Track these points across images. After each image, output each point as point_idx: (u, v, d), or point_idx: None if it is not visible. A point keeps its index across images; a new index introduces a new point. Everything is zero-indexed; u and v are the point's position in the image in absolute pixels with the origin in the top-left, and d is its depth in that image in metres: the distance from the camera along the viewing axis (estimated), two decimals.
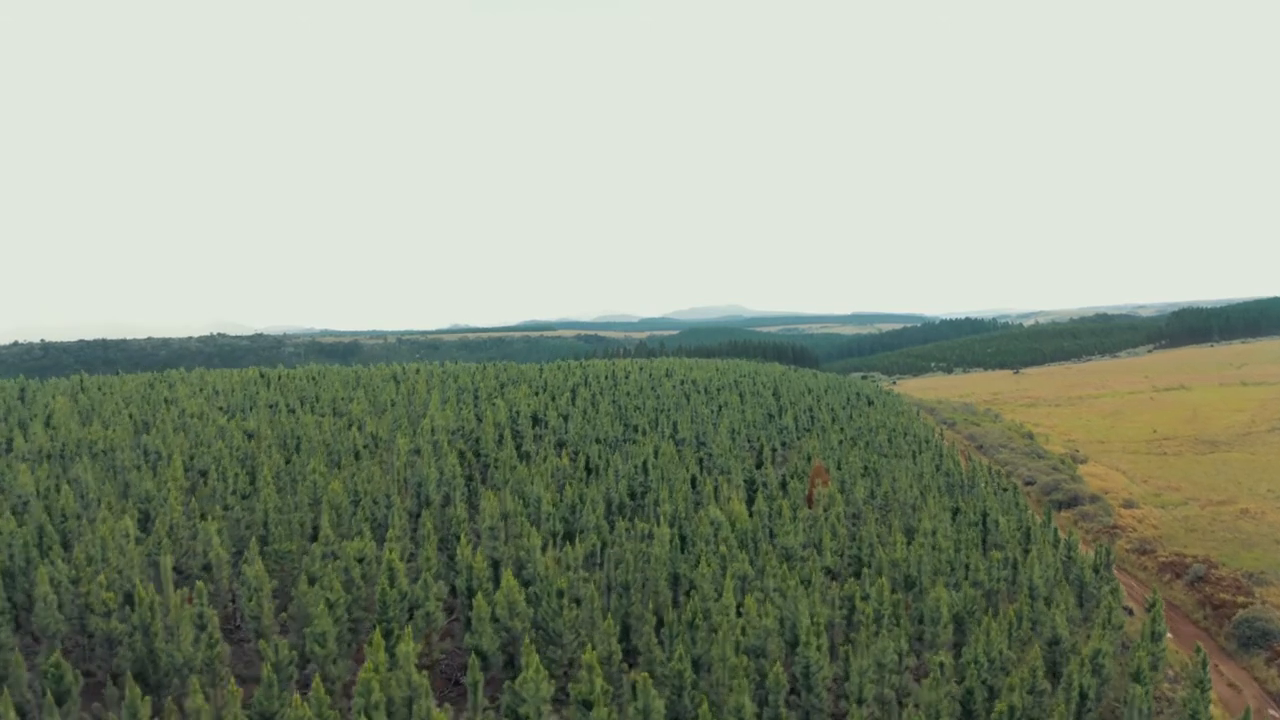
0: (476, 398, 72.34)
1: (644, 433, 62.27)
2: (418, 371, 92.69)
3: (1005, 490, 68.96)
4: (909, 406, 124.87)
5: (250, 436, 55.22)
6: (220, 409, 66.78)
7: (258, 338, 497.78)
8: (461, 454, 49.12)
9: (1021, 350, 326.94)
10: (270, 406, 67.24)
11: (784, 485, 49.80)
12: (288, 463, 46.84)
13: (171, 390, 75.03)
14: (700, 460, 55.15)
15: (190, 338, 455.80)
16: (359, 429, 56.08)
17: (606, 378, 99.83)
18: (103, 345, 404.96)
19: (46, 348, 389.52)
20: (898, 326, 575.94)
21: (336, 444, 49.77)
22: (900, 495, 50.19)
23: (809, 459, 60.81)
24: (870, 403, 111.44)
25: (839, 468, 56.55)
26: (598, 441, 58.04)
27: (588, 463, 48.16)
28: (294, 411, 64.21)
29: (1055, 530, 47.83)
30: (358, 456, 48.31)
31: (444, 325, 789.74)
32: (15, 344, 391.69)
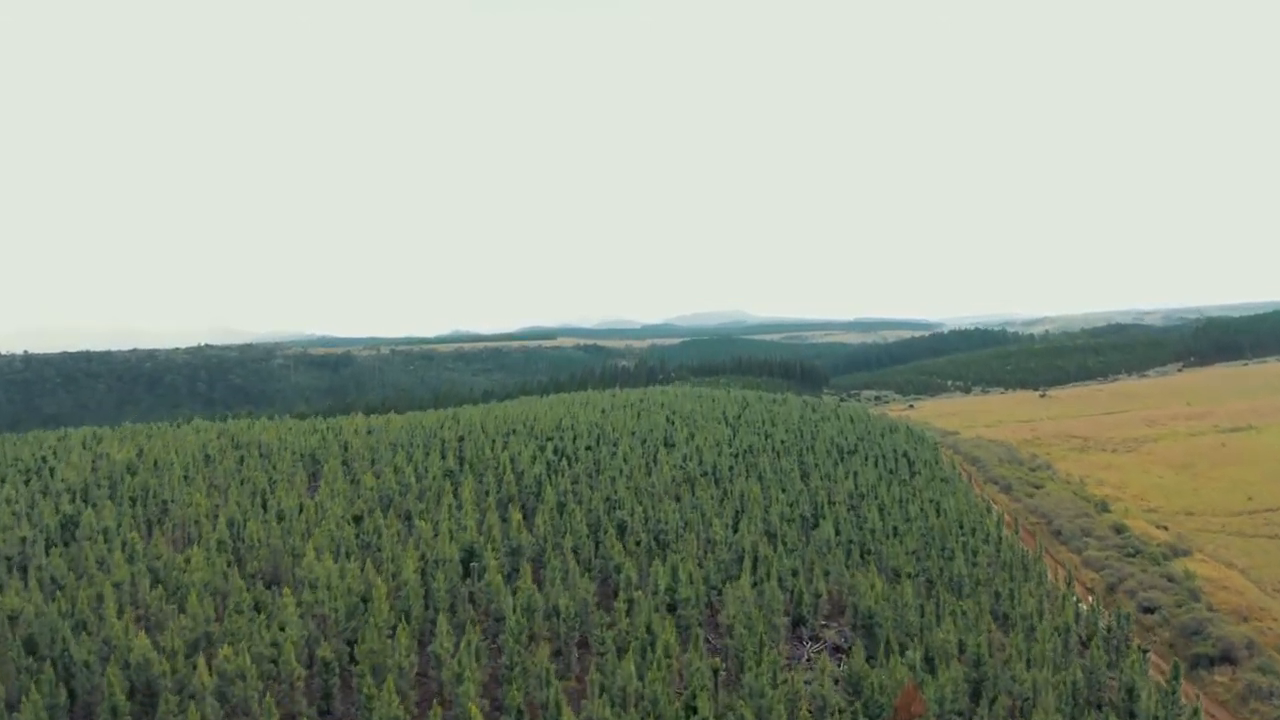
0: (388, 516, 51.77)
1: (632, 586, 42.19)
2: (346, 448, 72.39)
3: (1146, 651, 48.85)
4: (954, 467, 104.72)
5: (12, 620, 35.17)
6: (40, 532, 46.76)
7: (247, 349, 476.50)
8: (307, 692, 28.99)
9: (1042, 368, 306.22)
10: (102, 532, 47.17)
11: None
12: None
13: (29, 483, 55.08)
14: (717, 674, 34.89)
15: (178, 348, 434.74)
16: (181, 610, 35.77)
17: (588, 447, 79.74)
18: (86, 357, 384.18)
19: (29, 359, 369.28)
20: (904, 334, 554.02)
21: (119, 646, 29.70)
22: None
23: (872, 622, 40.40)
24: (913, 468, 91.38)
25: (929, 666, 36.61)
26: (555, 616, 37.94)
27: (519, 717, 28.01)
28: (125, 546, 44.04)
29: None
30: (131, 695, 28.15)
31: (444, 330, 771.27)
32: None
